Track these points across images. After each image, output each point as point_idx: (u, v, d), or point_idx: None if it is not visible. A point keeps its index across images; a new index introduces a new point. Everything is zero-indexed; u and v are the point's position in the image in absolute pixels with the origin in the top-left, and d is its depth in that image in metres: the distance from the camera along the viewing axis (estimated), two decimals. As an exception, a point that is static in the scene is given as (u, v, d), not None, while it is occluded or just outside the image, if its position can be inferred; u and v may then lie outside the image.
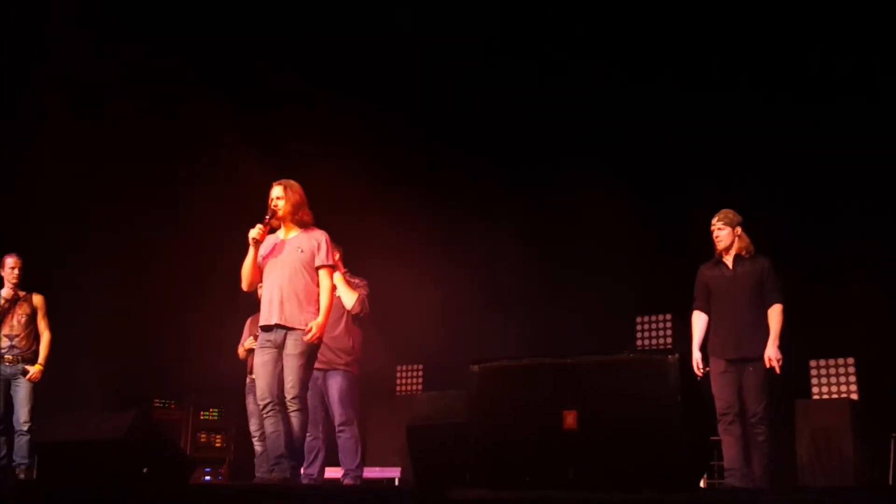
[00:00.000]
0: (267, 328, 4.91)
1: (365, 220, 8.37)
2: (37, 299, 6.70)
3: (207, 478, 8.80)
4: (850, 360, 7.68)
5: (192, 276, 9.01)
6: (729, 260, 5.49)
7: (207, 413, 9.15)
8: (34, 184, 8.25)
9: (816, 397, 7.70)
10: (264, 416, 4.86)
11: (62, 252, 8.21)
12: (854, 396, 7.55)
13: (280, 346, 4.86)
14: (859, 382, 7.60)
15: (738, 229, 5.48)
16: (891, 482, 7.09)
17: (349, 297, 5.88)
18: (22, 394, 6.47)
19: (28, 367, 6.51)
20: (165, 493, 3.69)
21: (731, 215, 5.51)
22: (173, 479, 5.33)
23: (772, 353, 5.22)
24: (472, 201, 9.04)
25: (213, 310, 8.35)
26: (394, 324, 8.31)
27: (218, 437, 9.11)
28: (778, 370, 5.23)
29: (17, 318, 6.58)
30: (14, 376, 6.52)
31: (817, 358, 7.81)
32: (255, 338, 5.43)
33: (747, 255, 5.45)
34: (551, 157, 8.78)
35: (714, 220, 5.52)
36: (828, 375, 7.74)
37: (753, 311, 5.34)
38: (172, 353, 9.07)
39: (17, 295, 6.61)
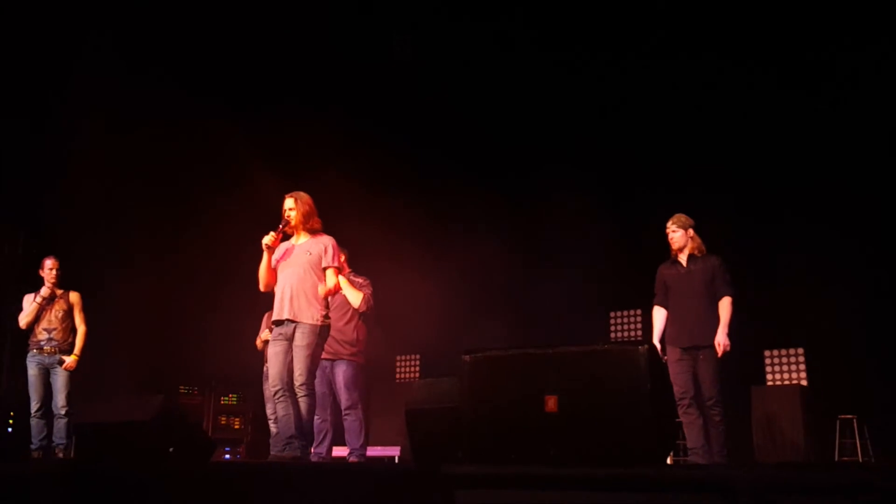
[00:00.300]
0: (279, 322, 4.93)
1: (367, 226, 8.35)
2: (73, 297, 6.68)
3: (227, 456, 8.79)
4: (800, 350, 7.71)
5: (213, 278, 9.01)
6: (683, 259, 5.49)
7: (227, 398, 9.14)
8: (73, 196, 8.23)
9: (770, 384, 7.73)
10: (276, 400, 4.86)
11: (98, 256, 8.21)
12: (803, 383, 7.57)
13: (290, 339, 4.87)
14: (808, 370, 7.63)
15: (691, 231, 5.49)
16: (836, 458, 7.11)
17: (355, 297, 5.88)
18: (59, 381, 6.45)
19: (64, 358, 6.49)
20: (189, 469, 3.68)
21: (683, 219, 5.52)
22: (196, 457, 5.32)
23: (721, 340, 5.21)
24: (463, 210, 9.04)
25: (232, 307, 8.34)
26: (393, 318, 8.30)
27: (236, 419, 9.09)
28: (720, 354, 5.19)
29: (55, 314, 6.56)
30: (52, 365, 6.50)
31: (770, 348, 7.84)
32: (271, 330, 5.43)
33: (699, 254, 5.46)
34: (536, 171, 8.81)
35: (669, 224, 5.53)
36: (780, 364, 7.77)
37: (705, 304, 5.33)
38: (195, 345, 9.07)
39: (55, 293, 6.59)
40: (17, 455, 6.88)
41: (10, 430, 7.85)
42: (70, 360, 6.49)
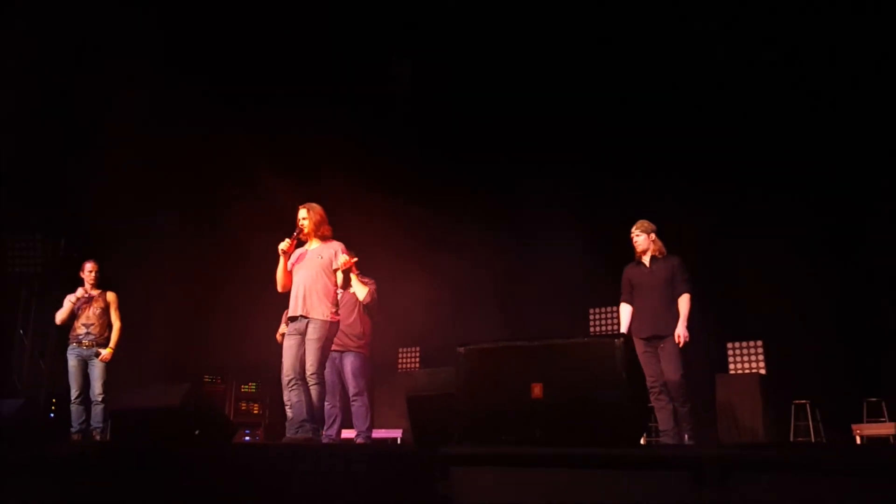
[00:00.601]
0: (293, 318, 4.95)
1: (371, 232, 8.35)
2: (110, 296, 6.68)
3: (247, 438, 8.76)
4: (759, 342, 7.72)
5: (234, 280, 8.99)
6: (646, 260, 5.48)
7: (247, 386, 9.11)
8: (109, 203, 8.23)
9: (732, 372, 7.73)
10: (289, 389, 4.86)
11: (131, 258, 8.19)
12: (762, 371, 7.58)
13: (303, 333, 4.89)
14: (766, 360, 7.64)
15: (653, 235, 5.47)
16: (792, 439, 7.12)
17: (362, 291, 5.89)
18: (96, 371, 6.45)
19: (101, 350, 6.48)
20: (213, 450, 3.67)
21: (646, 224, 5.51)
22: (219, 439, 5.30)
23: (680, 332, 5.18)
24: (458, 215, 9.03)
25: (251, 305, 8.33)
26: (396, 314, 8.30)
27: (255, 405, 9.07)
28: (680, 344, 5.15)
29: (93, 311, 6.56)
30: (90, 357, 6.49)
31: (732, 340, 7.85)
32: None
33: (660, 256, 5.44)
34: (524, 182, 8.78)
35: (633, 229, 5.51)
36: (741, 354, 7.77)
37: (665, 300, 5.31)
38: (218, 339, 9.06)
39: (89, 294, 6.60)
40: (58, 438, 6.87)
41: (52, 415, 7.83)
42: (106, 352, 6.48)
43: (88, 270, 6.61)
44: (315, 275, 4.97)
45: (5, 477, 2.67)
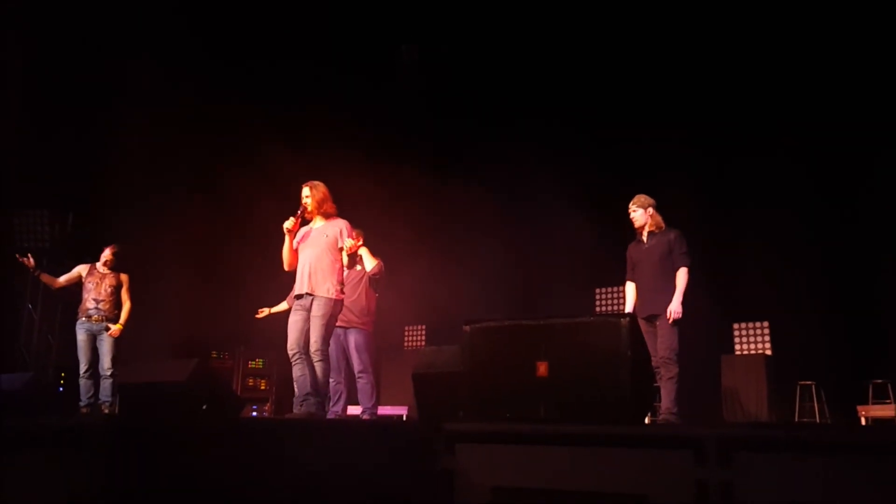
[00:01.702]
0: (299, 296, 4.97)
1: (379, 207, 8.36)
2: (123, 277, 6.75)
3: (254, 413, 8.84)
4: (766, 323, 7.71)
5: (241, 258, 9.02)
6: (645, 235, 5.39)
7: (254, 362, 9.18)
8: (117, 181, 8.26)
9: (738, 353, 7.74)
10: (293, 363, 4.90)
11: (140, 236, 8.20)
12: (768, 352, 7.58)
13: (308, 310, 4.91)
14: (772, 341, 7.64)
15: (650, 210, 5.34)
16: (797, 419, 7.14)
17: (370, 262, 5.93)
18: (105, 346, 6.50)
19: (110, 325, 6.54)
20: (221, 424, 3.70)
21: (643, 199, 5.38)
22: (227, 414, 5.34)
23: (673, 307, 5.05)
24: (466, 196, 9.00)
25: (259, 282, 8.36)
26: (402, 291, 8.32)
27: (262, 381, 9.15)
28: (670, 320, 5.02)
29: (105, 288, 6.62)
30: (99, 332, 6.55)
31: (738, 321, 7.84)
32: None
33: (658, 231, 5.32)
34: (531, 164, 8.76)
35: (630, 204, 5.40)
36: (747, 335, 7.77)
37: (661, 276, 5.18)
38: (226, 315, 9.09)
39: (106, 271, 6.67)
40: (67, 411, 6.94)
41: (60, 389, 7.91)
42: (115, 328, 6.54)
43: (105, 255, 6.69)
44: (320, 252, 4.98)
45: (12, 449, 2.70)
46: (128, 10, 8.09)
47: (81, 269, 6.71)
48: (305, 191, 5.09)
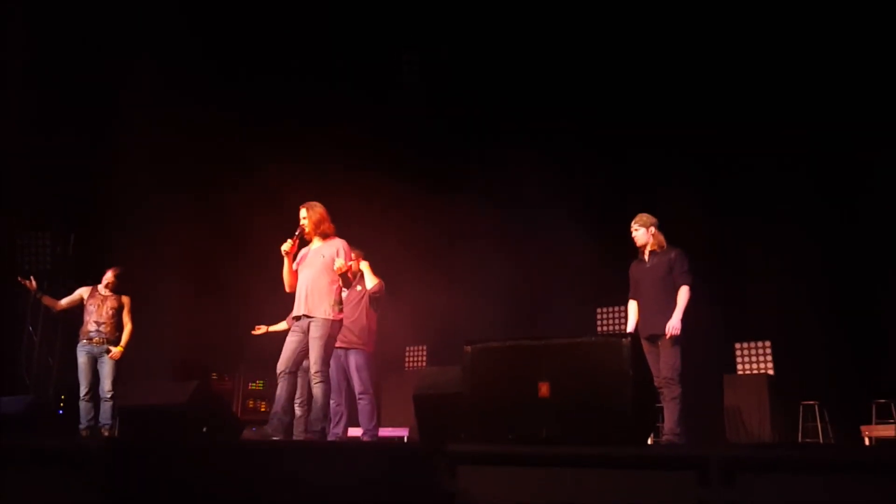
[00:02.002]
0: (297, 317, 4.98)
1: (381, 228, 8.37)
2: (124, 299, 6.73)
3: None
4: (768, 343, 7.68)
5: (242, 279, 9.02)
6: (646, 254, 5.39)
7: (254, 384, 9.15)
8: (118, 203, 8.28)
9: (740, 373, 7.70)
10: (278, 379, 4.90)
11: (140, 257, 8.22)
12: (770, 372, 7.55)
13: (306, 332, 4.90)
14: (774, 361, 7.61)
15: (653, 229, 5.33)
16: (800, 439, 7.09)
17: (371, 280, 5.93)
18: (106, 368, 6.48)
19: (111, 348, 6.53)
20: (220, 445, 3.68)
21: (645, 217, 5.38)
22: (226, 436, 5.33)
23: (672, 324, 5.01)
24: (467, 217, 9.03)
25: (258, 305, 8.36)
26: (403, 312, 8.31)
27: (263, 403, 9.11)
28: (667, 336, 4.99)
29: (106, 311, 6.60)
30: (100, 354, 6.52)
31: (740, 341, 7.82)
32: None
33: (659, 250, 5.31)
34: (533, 183, 8.79)
35: (632, 223, 5.40)
36: (749, 355, 7.74)
37: (662, 296, 5.16)
38: (226, 337, 9.08)
39: (107, 293, 6.66)
40: (67, 433, 6.91)
41: (61, 411, 7.87)
42: (116, 350, 6.52)
43: (107, 277, 6.69)
44: (317, 273, 4.97)
45: (11, 471, 2.68)
46: (129, 27, 8.16)
47: (83, 292, 6.70)
48: (303, 212, 5.09)
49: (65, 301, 6.70)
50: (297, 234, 5.06)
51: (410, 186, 8.99)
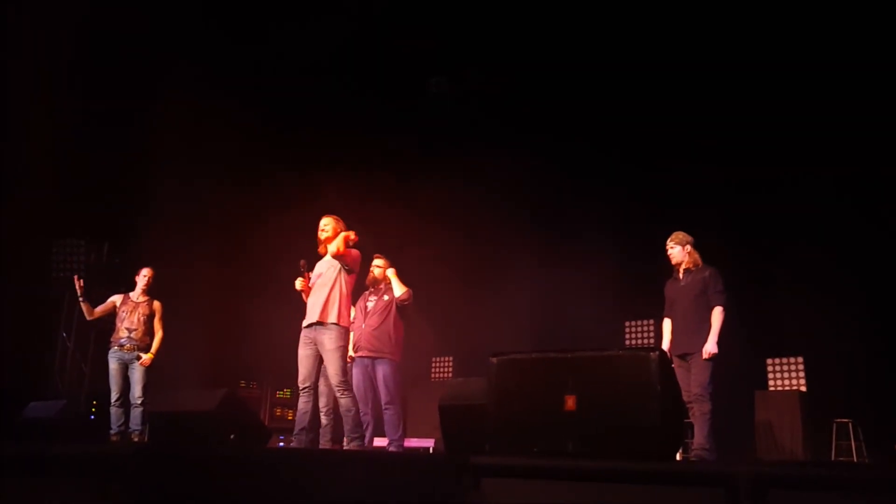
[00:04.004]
0: (308, 326, 5.04)
1: (409, 239, 8.40)
2: (156, 305, 6.82)
3: (281, 443, 8.82)
4: (800, 359, 7.56)
5: (269, 290, 9.09)
6: (681, 273, 5.38)
7: (282, 392, 9.20)
8: (152, 212, 8.40)
9: (772, 389, 7.59)
10: (301, 392, 4.96)
11: (172, 266, 8.31)
12: (803, 388, 7.42)
13: (316, 342, 4.97)
14: (807, 377, 7.48)
15: (689, 247, 5.34)
16: (833, 457, 6.95)
17: (400, 289, 5.94)
18: (136, 375, 6.56)
19: (142, 355, 6.60)
20: (248, 453, 3.71)
21: (681, 236, 5.39)
22: (254, 443, 5.35)
23: (708, 347, 5.02)
24: (496, 229, 9.02)
25: (287, 312, 8.40)
26: (430, 323, 8.31)
27: (290, 411, 9.14)
28: (704, 358, 4.99)
29: (138, 317, 6.68)
30: (131, 361, 6.61)
31: (772, 356, 7.70)
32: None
33: (695, 268, 5.32)
34: (563, 199, 8.80)
35: (668, 241, 5.42)
36: (781, 371, 7.62)
37: (696, 315, 5.16)
38: (255, 346, 9.15)
39: (141, 300, 6.74)
40: (98, 439, 6.99)
41: (92, 417, 7.98)
42: (147, 357, 6.60)
43: (144, 276, 6.76)
44: (330, 283, 5.06)
45: (43, 476, 2.73)
46: (168, 36, 8.30)
47: (115, 299, 6.79)
48: (324, 221, 5.23)
49: (98, 309, 6.80)
50: (302, 270, 5.19)
51: (438, 197, 9.01)
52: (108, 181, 8.37)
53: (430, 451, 7.95)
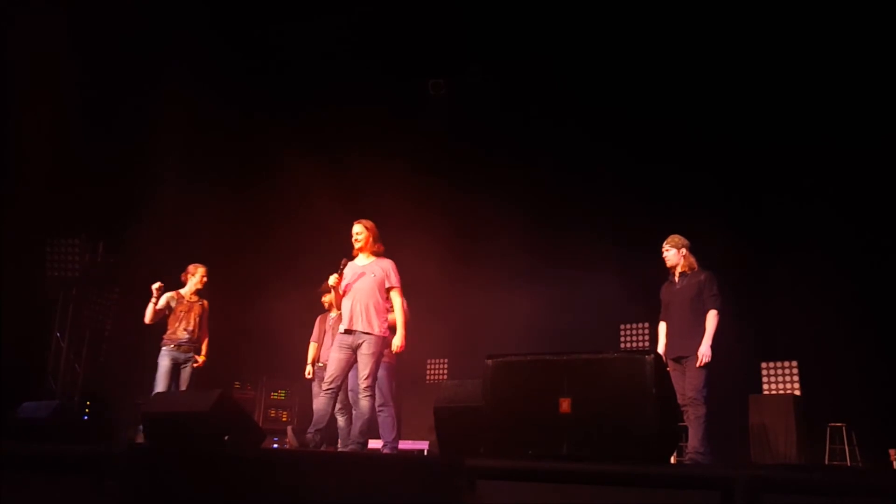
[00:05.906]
0: (347, 332, 5.13)
1: (405, 240, 8.38)
2: (205, 304, 6.73)
3: (275, 445, 8.81)
4: (794, 363, 7.59)
5: (265, 293, 9.08)
6: (677, 276, 5.40)
7: (276, 394, 9.20)
8: (146, 212, 8.39)
9: (766, 392, 7.61)
10: (323, 393, 5.02)
11: (166, 266, 8.29)
12: (797, 392, 7.44)
13: (353, 347, 5.08)
14: (801, 381, 7.50)
15: (684, 250, 5.37)
16: (826, 461, 6.97)
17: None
18: (186, 375, 6.47)
19: (197, 357, 6.57)
20: (242, 454, 3.70)
21: (676, 239, 5.42)
22: (248, 444, 5.33)
23: (702, 351, 5.04)
24: (491, 232, 9.02)
25: (281, 318, 8.42)
26: (426, 327, 8.30)
27: (284, 412, 9.16)
28: (699, 363, 5.00)
29: (194, 317, 6.57)
30: (185, 361, 6.54)
31: (766, 360, 7.73)
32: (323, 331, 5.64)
33: (690, 272, 5.34)
34: (558, 200, 8.79)
35: (664, 244, 5.44)
36: (775, 375, 7.64)
37: (689, 318, 5.19)
38: (249, 347, 9.14)
39: (194, 299, 6.66)
40: (93, 439, 6.97)
41: (86, 417, 7.95)
42: (202, 359, 6.58)
43: (202, 275, 6.62)
44: (369, 291, 5.17)
45: (37, 476, 2.72)
46: (168, 36, 8.29)
47: (169, 300, 6.60)
48: (357, 227, 5.32)
49: (155, 314, 6.45)
50: (340, 268, 5.24)
51: (434, 198, 9.01)
52: (103, 180, 8.35)
53: (425, 453, 7.94)
